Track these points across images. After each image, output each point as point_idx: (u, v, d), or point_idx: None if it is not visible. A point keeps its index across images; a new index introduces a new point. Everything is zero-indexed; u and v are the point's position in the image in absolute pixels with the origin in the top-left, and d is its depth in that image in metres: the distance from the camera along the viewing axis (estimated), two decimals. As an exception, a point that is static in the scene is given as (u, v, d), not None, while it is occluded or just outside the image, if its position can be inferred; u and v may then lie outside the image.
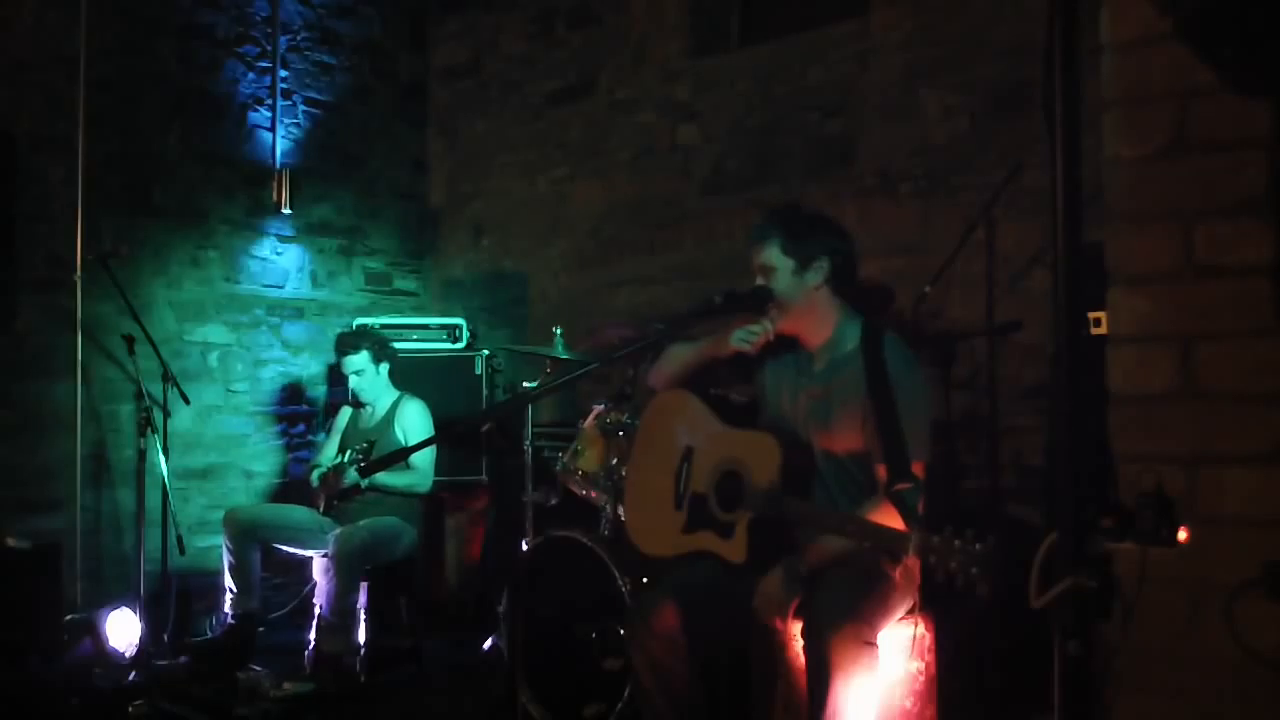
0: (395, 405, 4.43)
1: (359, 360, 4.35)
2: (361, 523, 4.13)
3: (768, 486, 2.51)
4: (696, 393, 2.86)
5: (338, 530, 4.09)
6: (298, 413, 5.41)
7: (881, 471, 2.49)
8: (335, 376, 5.08)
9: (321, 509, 4.30)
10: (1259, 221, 1.86)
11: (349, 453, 4.21)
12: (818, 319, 2.66)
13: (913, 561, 2.61)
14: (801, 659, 2.42)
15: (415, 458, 4.23)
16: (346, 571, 3.95)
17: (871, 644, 2.36)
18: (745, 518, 2.55)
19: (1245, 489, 1.87)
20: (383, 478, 4.16)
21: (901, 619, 2.61)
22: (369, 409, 4.46)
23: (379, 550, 4.11)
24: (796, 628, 2.48)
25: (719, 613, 2.57)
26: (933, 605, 2.74)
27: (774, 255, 2.61)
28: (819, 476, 2.64)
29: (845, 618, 2.34)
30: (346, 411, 4.59)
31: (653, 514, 2.84)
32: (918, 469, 2.50)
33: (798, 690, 2.45)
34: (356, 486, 4.20)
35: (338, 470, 4.23)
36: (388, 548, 4.16)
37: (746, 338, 2.66)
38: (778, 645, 2.52)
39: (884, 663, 2.44)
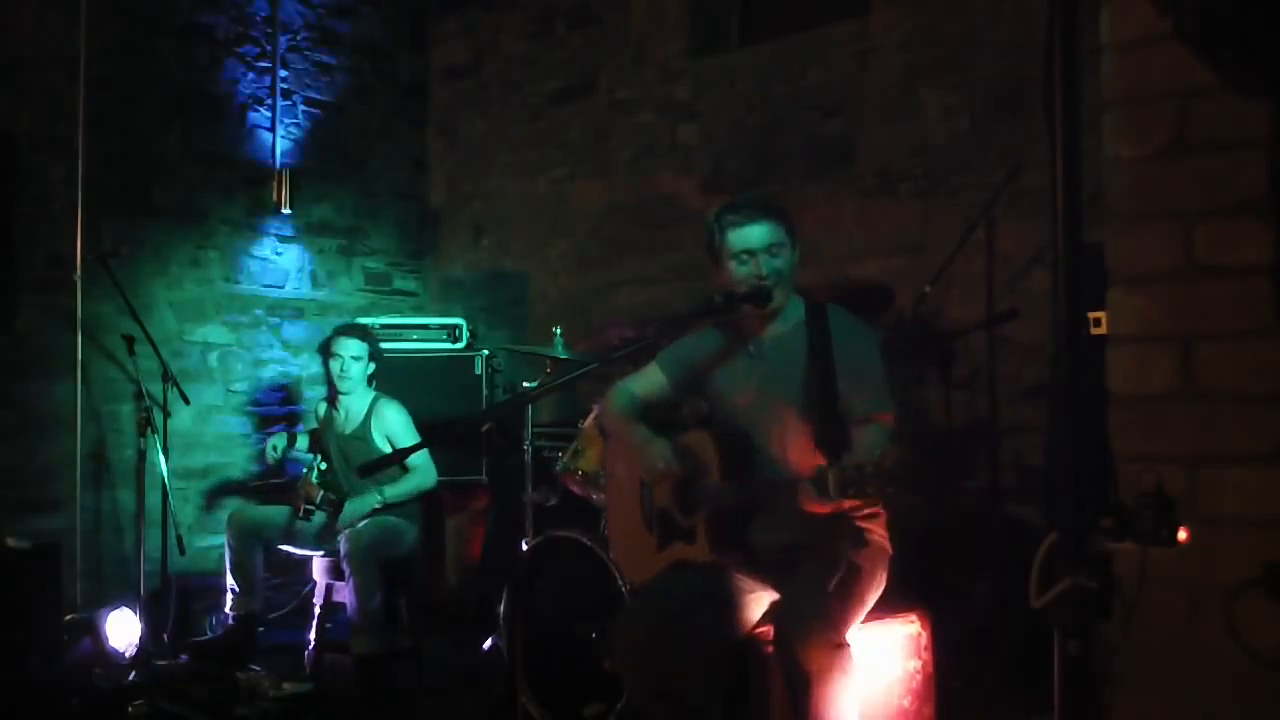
0: (372, 408, 4.36)
1: (358, 348, 4.30)
2: (362, 523, 4.12)
3: (714, 480, 2.59)
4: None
5: (347, 530, 4.08)
6: (298, 412, 5.41)
7: (809, 428, 2.53)
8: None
9: (301, 514, 4.26)
10: (1259, 221, 1.86)
11: (320, 497, 4.16)
12: (787, 301, 2.71)
13: (876, 530, 2.63)
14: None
15: (413, 457, 4.22)
16: (363, 570, 3.94)
17: (842, 645, 2.37)
18: (702, 517, 2.63)
19: (1245, 489, 1.87)
20: (391, 491, 4.17)
21: (893, 615, 2.60)
22: (343, 412, 4.39)
23: (386, 547, 4.11)
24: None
25: (706, 614, 2.58)
26: (931, 604, 2.74)
27: (782, 234, 2.67)
28: (798, 447, 2.64)
29: (813, 623, 2.36)
30: (321, 409, 4.53)
31: (631, 544, 2.92)
32: (887, 419, 2.56)
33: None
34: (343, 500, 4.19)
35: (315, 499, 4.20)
36: (393, 545, 4.16)
37: (651, 469, 2.67)
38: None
39: (860, 659, 2.45)
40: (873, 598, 2.58)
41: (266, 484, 4.64)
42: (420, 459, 4.26)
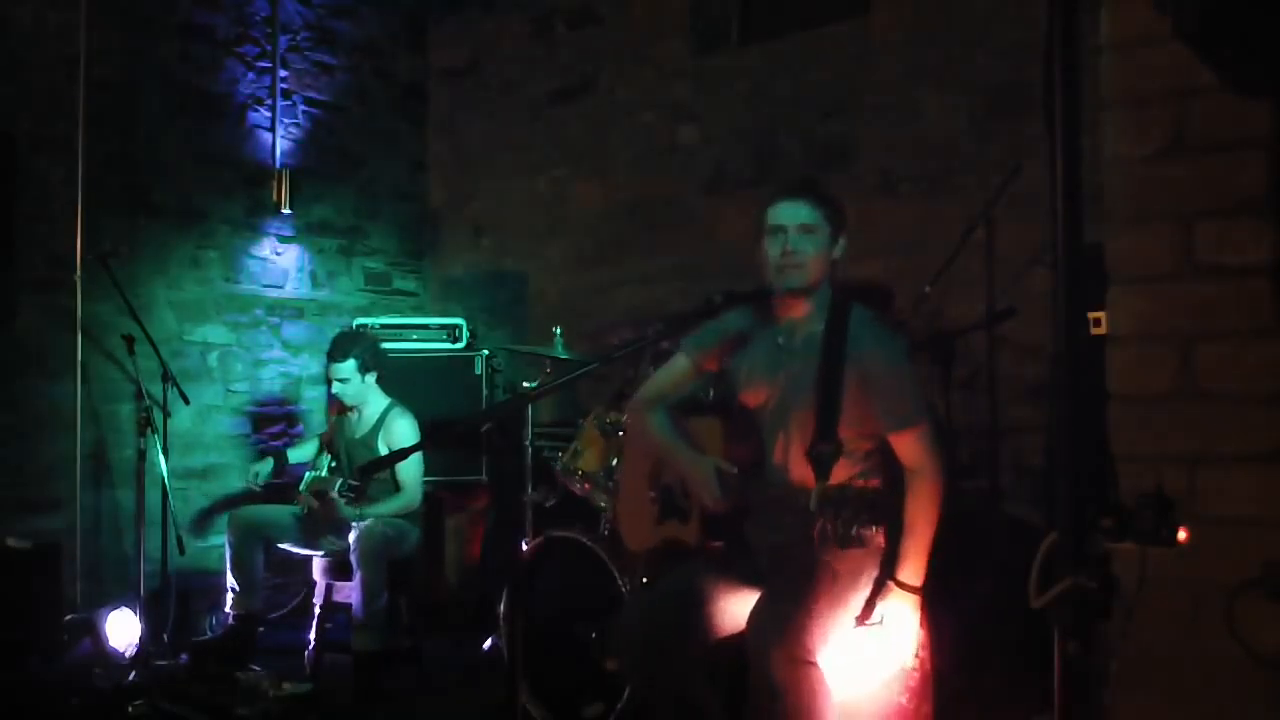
0: (384, 416, 4.38)
1: (345, 369, 4.29)
2: (366, 522, 4.12)
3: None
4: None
5: (359, 529, 4.08)
6: (297, 412, 5.41)
7: (810, 428, 2.49)
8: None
9: (305, 511, 4.27)
10: (1259, 221, 1.86)
11: (339, 483, 4.14)
12: (818, 292, 2.64)
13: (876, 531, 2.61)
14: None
15: (403, 476, 4.24)
16: (373, 569, 3.95)
17: (809, 663, 2.35)
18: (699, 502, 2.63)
19: (1245, 489, 1.87)
20: (376, 509, 4.16)
21: (876, 599, 2.56)
22: (355, 415, 4.42)
23: (393, 547, 4.12)
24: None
25: (706, 612, 2.58)
26: (931, 604, 2.74)
27: (818, 216, 2.59)
28: (797, 455, 2.61)
29: (780, 638, 2.35)
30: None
31: (635, 509, 2.93)
32: (921, 429, 2.51)
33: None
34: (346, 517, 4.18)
35: (325, 498, 4.18)
36: (398, 545, 4.17)
37: (709, 495, 2.59)
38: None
39: (856, 662, 2.46)
40: (855, 596, 2.53)
41: (269, 482, 4.62)
42: (411, 477, 4.27)
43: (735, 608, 2.59)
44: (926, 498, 2.52)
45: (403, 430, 4.33)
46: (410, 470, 4.24)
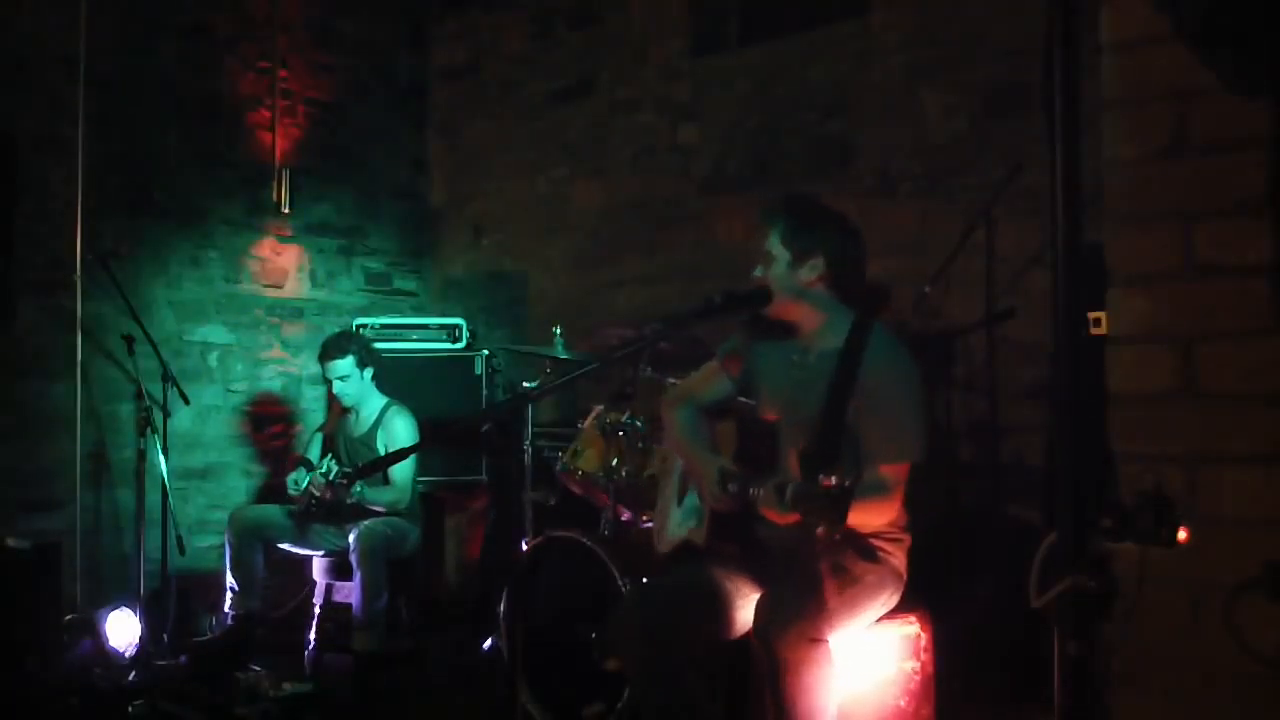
0: (383, 414, 4.40)
1: (344, 365, 4.30)
2: (367, 521, 4.12)
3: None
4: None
5: (359, 529, 4.09)
6: (297, 412, 5.41)
7: (795, 453, 2.48)
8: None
9: (302, 510, 4.27)
10: (1259, 221, 1.86)
11: (335, 470, 4.15)
12: (805, 314, 2.64)
13: (894, 554, 2.61)
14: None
15: (395, 473, 4.25)
16: (372, 569, 3.96)
17: (819, 640, 2.34)
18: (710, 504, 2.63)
19: (1245, 489, 1.87)
20: (368, 494, 4.17)
21: (891, 617, 2.60)
22: (354, 415, 4.43)
23: (393, 547, 4.12)
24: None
25: (703, 612, 2.58)
26: (931, 604, 2.74)
27: (773, 243, 2.60)
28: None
29: (790, 616, 2.35)
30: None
31: (662, 517, 2.95)
32: (889, 471, 2.46)
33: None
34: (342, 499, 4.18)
35: (326, 487, 4.18)
36: (398, 545, 4.17)
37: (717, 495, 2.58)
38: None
39: (850, 659, 2.45)
40: (869, 610, 2.54)
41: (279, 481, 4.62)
42: (403, 476, 4.27)
43: (738, 609, 2.59)
44: (870, 506, 2.44)
45: (401, 428, 4.34)
46: (402, 467, 4.24)
